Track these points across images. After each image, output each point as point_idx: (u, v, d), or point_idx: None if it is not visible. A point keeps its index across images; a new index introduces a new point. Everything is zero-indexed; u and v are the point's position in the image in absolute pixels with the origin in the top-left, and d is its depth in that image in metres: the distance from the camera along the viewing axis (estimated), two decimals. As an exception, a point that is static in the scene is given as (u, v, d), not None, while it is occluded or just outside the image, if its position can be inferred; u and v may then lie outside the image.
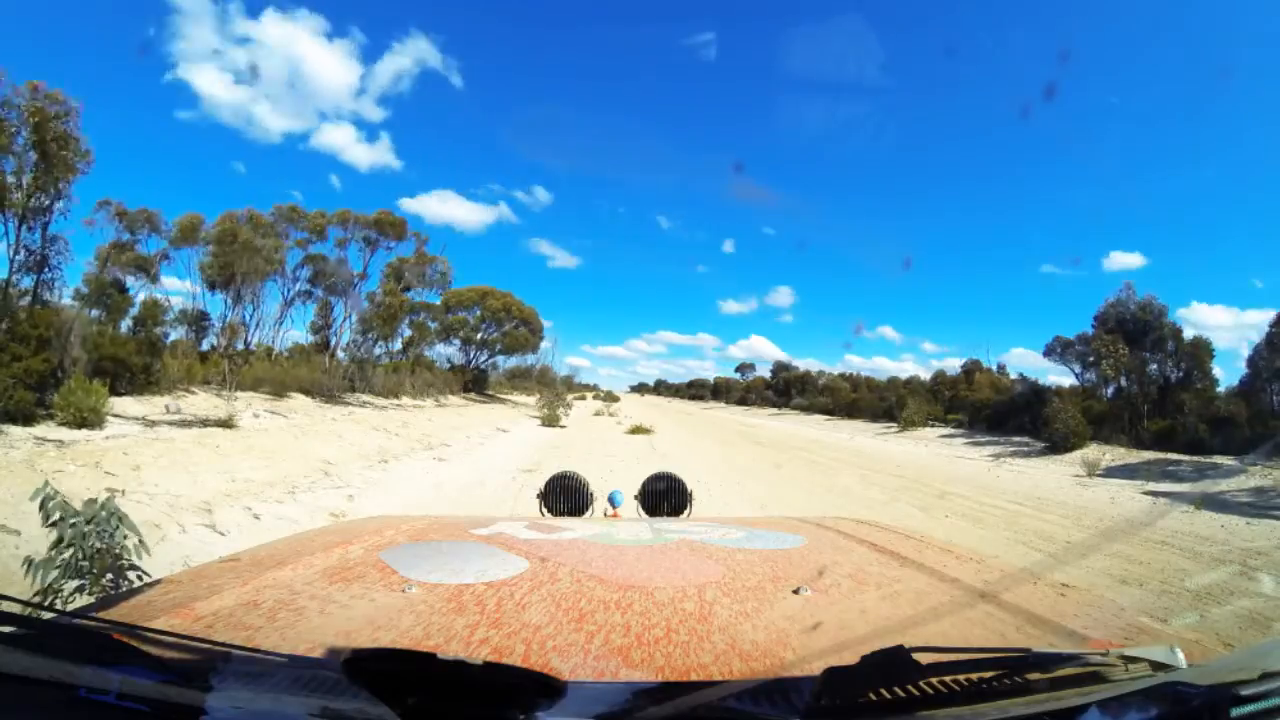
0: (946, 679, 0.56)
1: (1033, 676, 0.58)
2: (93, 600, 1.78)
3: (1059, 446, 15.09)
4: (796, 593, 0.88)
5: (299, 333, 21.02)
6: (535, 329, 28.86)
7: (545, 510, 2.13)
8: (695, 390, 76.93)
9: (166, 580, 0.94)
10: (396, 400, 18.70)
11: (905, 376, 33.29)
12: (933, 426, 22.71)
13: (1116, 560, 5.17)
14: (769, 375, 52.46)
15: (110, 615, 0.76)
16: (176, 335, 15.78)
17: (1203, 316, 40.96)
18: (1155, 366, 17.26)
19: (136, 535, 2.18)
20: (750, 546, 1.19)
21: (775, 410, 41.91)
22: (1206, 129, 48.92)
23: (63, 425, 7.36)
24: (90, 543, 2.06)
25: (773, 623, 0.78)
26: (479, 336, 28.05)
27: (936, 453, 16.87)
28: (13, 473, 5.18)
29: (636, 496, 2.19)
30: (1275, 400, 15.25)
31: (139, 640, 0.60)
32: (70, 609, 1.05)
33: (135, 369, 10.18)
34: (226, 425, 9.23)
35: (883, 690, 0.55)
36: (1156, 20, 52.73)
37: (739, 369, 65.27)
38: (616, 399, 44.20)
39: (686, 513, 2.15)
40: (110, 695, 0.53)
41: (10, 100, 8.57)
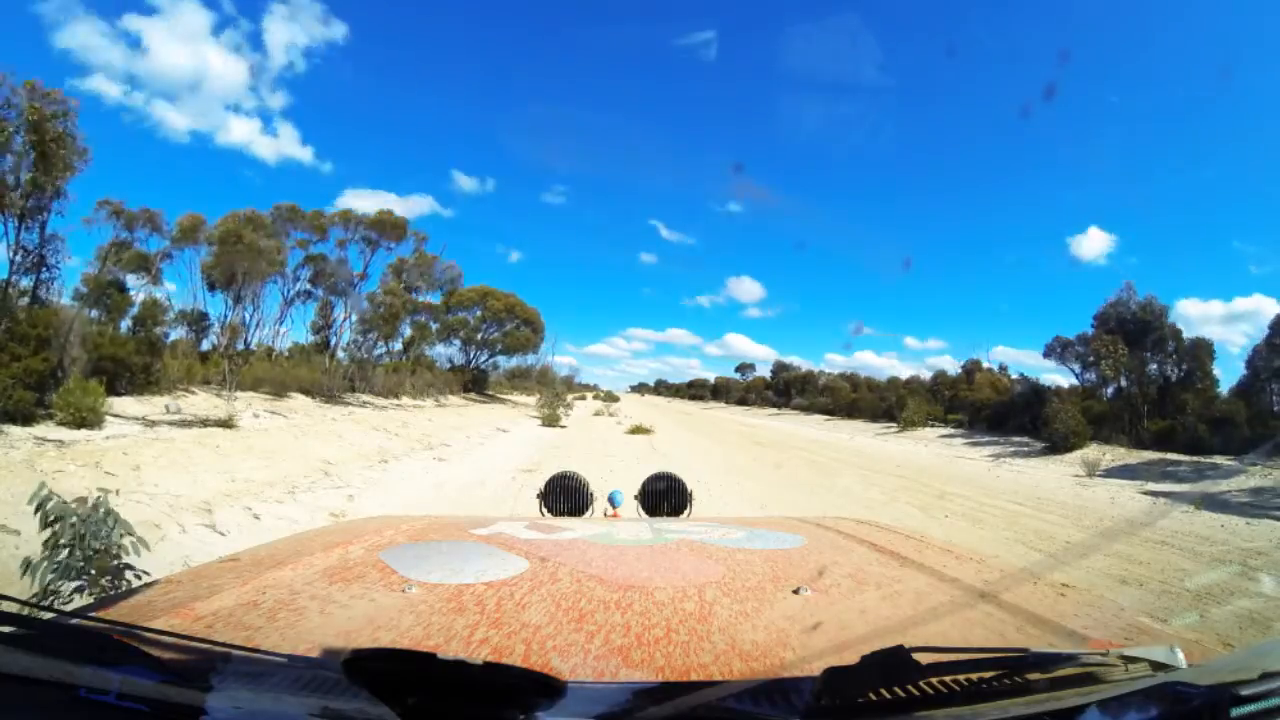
0: (946, 679, 0.56)
1: (1033, 676, 0.58)
2: (92, 600, 1.78)
3: (1059, 447, 15.10)
4: (796, 593, 0.88)
5: (299, 333, 21.06)
6: (537, 329, 28.90)
7: (545, 510, 2.13)
8: (695, 390, 76.98)
9: (166, 580, 0.94)
10: (396, 400, 18.70)
11: (902, 377, 33.32)
12: (933, 427, 22.72)
13: (1116, 560, 5.17)
14: (769, 375, 52.53)
15: (110, 615, 0.75)
16: (176, 335, 15.82)
17: (1189, 311, 41.33)
18: (1155, 366, 17.28)
19: (131, 534, 2.18)
20: (750, 546, 1.19)
21: (775, 410, 41.92)
22: (1205, 129, 48.96)
23: (62, 425, 7.35)
24: (87, 543, 2.06)
25: (773, 623, 0.78)
26: (480, 336, 28.08)
27: (936, 453, 16.88)
28: (12, 473, 5.18)
29: (636, 496, 2.19)
30: (1275, 400, 15.27)
31: (139, 640, 0.60)
32: (70, 609, 1.05)
33: (135, 369, 10.17)
34: (226, 425, 9.23)
35: (883, 690, 0.55)
36: (1157, 20, 52.74)
37: (739, 369, 65.38)
38: (616, 399, 44.20)
39: (686, 513, 2.15)
40: (110, 695, 0.53)
41: (10, 100, 8.59)
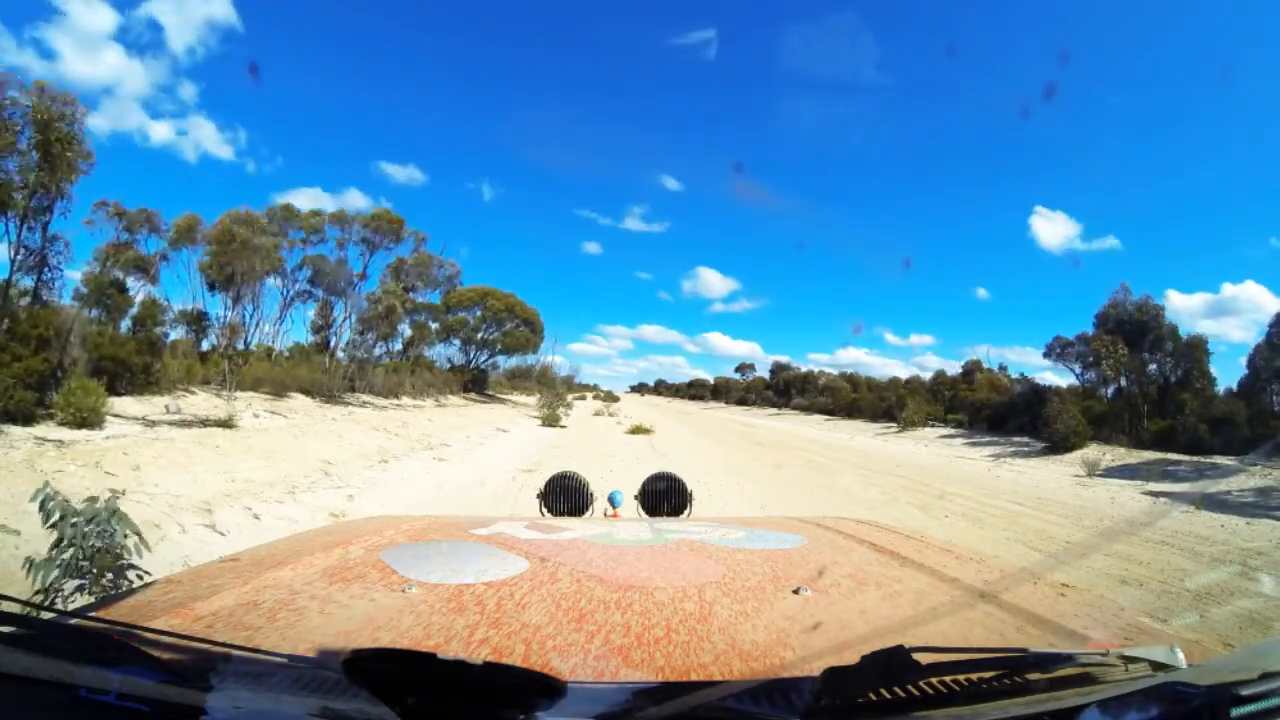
0: (946, 679, 0.56)
1: (1033, 676, 0.58)
2: (93, 600, 1.78)
3: (1059, 447, 15.09)
4: (796, 593, 0.88)
5: (299, 333, 21.05)
6: (536, 329, 28.88)
7: (545, 510, 2.13)
8: (695, 390, 77.01)
9: (166, 580, 0.94)
10: (396, 400, 18.69)
11: (890, 374, 33.43)
12: (933, 427, 22.72)
13: (1117, 560, 5.17)
14: (768, 375, 52.52)
15: (110, 615, 0.75)
16: (176, 335, 15.83)
17: (1177, 304, 41.39)
18: (1155, 367, 17.27)
19: (136, 534, 2.18)
20: (750, 546, 1.19)
21: (775, 410, 41.90)
22: (1205, 128, 48.89)
23: (63, 425, 7.36)
24: (90, 542, 2.06)
25: (773, 623, 0.78)
26: (479, 336, 28.07)
27: (936, 453, 16.87)
28: (13, 473, 5.18)
29: (636, 496, 2.19)
30: (1275, 400, 15.26)
31: (139, 640, 0.60)
32: (70, 609, 1.05)
33: (135, 369, 10.18)
34: (226, 425, 9.23)
35: (883, 690, 0.55)
36: (1157, 19, 52.63)
37: (738, 369, 65.36)
38: (616, 399, 44.24)
39: (686, 513, 2.15)
40: (110, 695, 0.53)
41: (16, 100, 8.59)
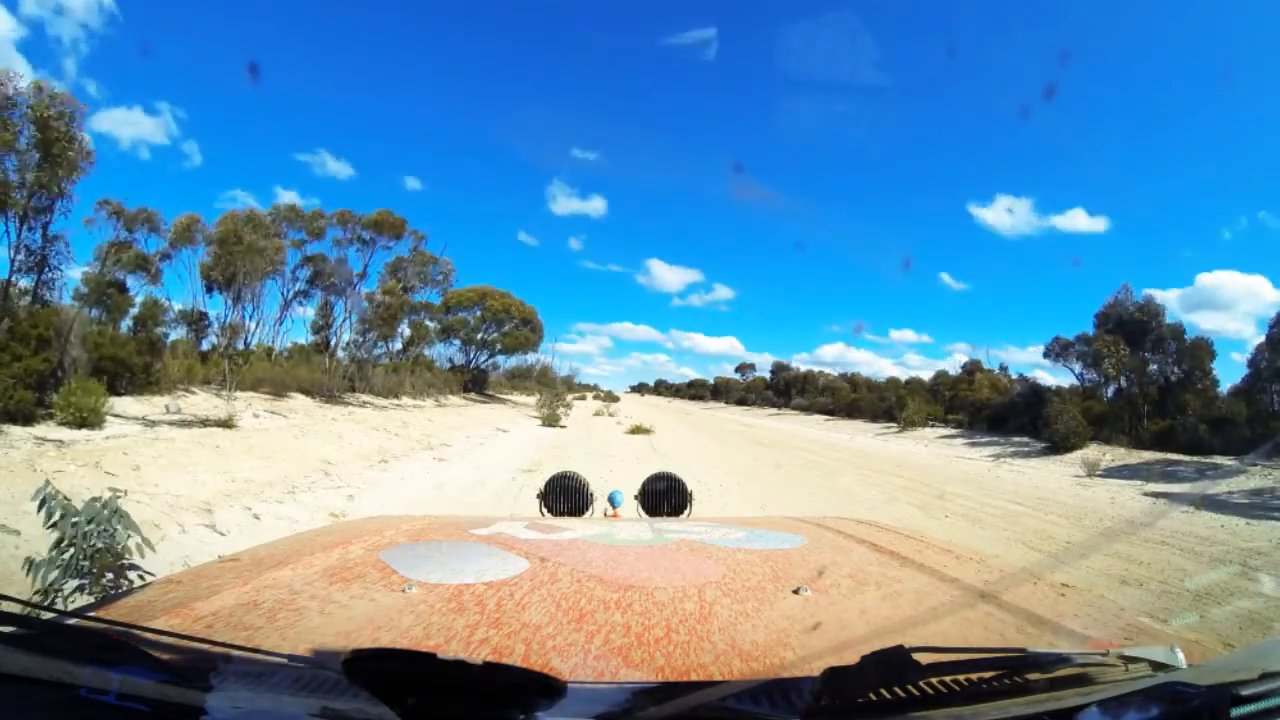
0: (946, 679, 0.56)
1: (1033, 676, 0.58)
2: (93, 600, 1.78)
3: (1059, 447, 15.09)
4: (796, 593, 0.88)
5: (299, 333, 21.04)
6: (536, 328, 28.89)
7: (545, 510, 2.13)
8: (695, 390, 77.08)
9: (166, 580, 0.94)
10: (396, 400, 18.69)
11: (898, 377, 33.39)
12: (932, 427, 22.72)
13: (1117, 560, 5.17)
14: (769, 375, 52.54)
15: (110, 615, 0.75)
16: (176, 335, 15.81)
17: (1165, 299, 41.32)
18: (1155, 367, 17.27)
19: (138, 534, 2.18)
20: (750, 546, 1.19)
21: (775, 410, 41.91)
22: (1204, 129, 48.83)
23: (63, 425, 7.35)
24: (91, 542, 2.06)
25: (773, 623, 0.78)
26: (479, 336, 28.07)
27: (936, 453, 16.87)
28: (13, 473, 5.18)
29: (636, 496, 2.19)
30: (1275, 400, 15.25)
31: (139, 640, 0.60)
32: (70, 609, 1.05)
33: (135, 369, 10.17)
34: (226, 425, 9.22)
35: (883, 690, 0.55)
36: (1158, 18, 52.52)
37: (738, 369, 65.41)
38: (616, 399, 44.26)
39: (686, 513, 2.15)
40: (110, 695, 0.53)
41: (15, 99, 8.58)
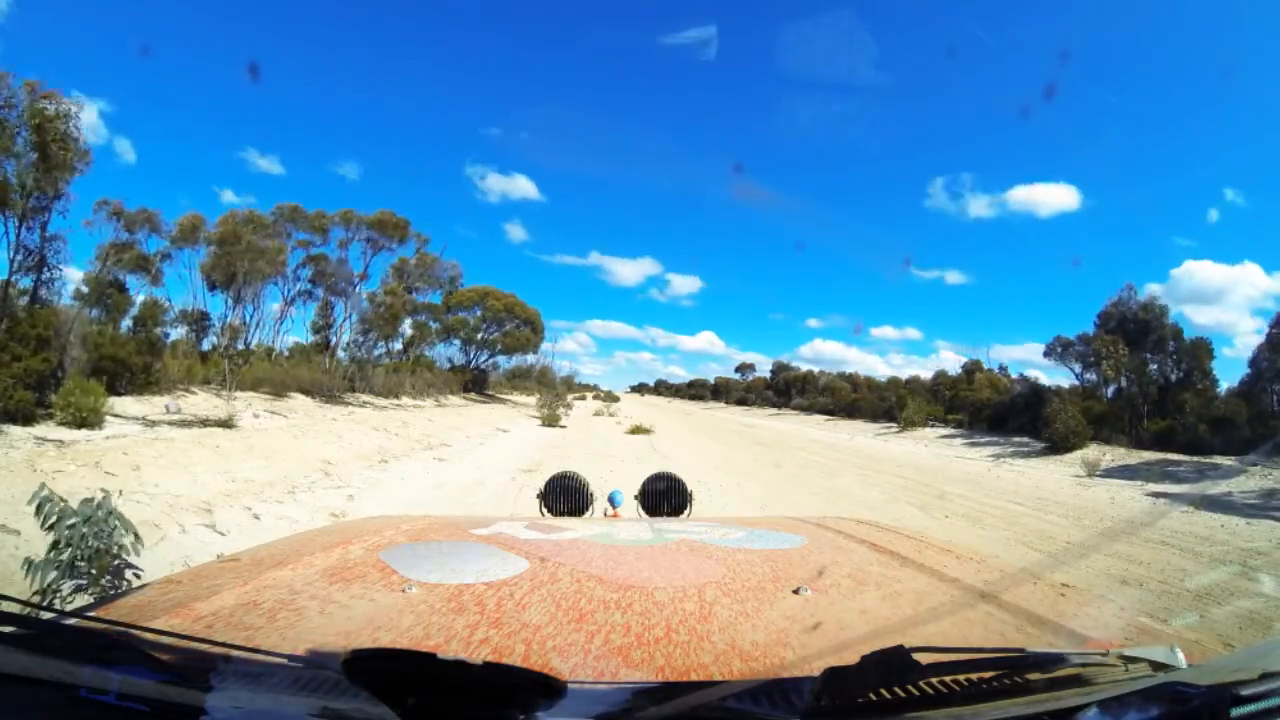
0: (946, 679, 0.56)
1: (1033, 676, 0.58)
2: (92, 600, 1.78)
3: (1059, 447, 15.08)
4: (796, 593, 0.88)
5: (299, 332, 21.04)
6: (537, 329, 28.88)
7: (545, 510, 2.13)
8: (695, 390, 77.11)
9: (166, 580, 0.94)
10: (396, 400, 18.69)
11: (898, 376, 33.41)
12: (933, 427, 22.72)
13: (1117, 560, 5.17)
14: (769, 375, 52.55)
15: (110, 615, 0.75)
16: (176, 335, 15.82)
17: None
18: (1155, 367, 17.27)
19: (132, 532, 2.18)
20: (750, 546, 1.19)
21: (775, 410, 41.90)
22: (1204, 131, 48.73)
23: (62, 425, 7.35)
24: (89, 543, 2.06)
25: (773, 623, 0.78)
26: (480, 336, 28.07)
27: (936, 453, 16.87)
28: (13, 473, 5.18)
29: (636, 496, 2.19)
30: (1275, 400, 15.26)
31: (139, 640, 0.60)
32: (70, 609, 1.05)
33: (135, 369, 10.17)
34: (226, 425, 9.22)
35: (883, 690, 0.55)
36: (1159, 18, 52.45)
37: (738, 369, 65.40)
38: (616, 399, 44.25)
39: (686, 513, 2.15)
40: (110, 695, 0.53)
41: (11, 101, 8.59)
